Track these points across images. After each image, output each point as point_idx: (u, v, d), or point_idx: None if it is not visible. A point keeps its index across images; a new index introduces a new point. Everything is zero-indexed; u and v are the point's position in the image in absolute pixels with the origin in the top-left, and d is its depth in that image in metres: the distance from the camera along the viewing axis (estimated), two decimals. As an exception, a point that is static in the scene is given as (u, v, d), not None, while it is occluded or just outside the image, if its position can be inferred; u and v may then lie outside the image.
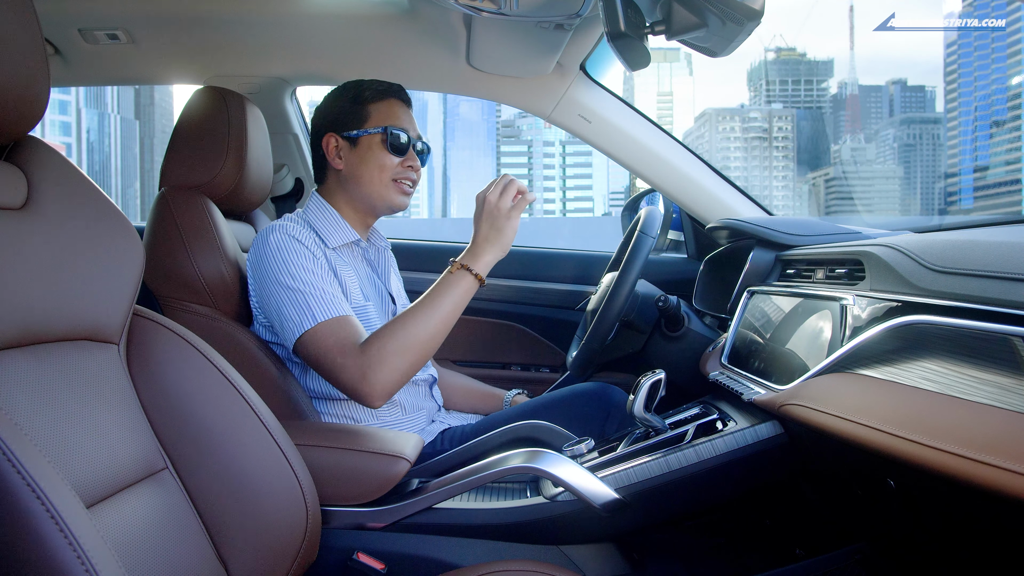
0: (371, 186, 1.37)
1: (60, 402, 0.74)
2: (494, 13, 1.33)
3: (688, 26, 1.13)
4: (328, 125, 1.39)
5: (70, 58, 1.73)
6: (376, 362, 1.16)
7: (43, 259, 0.77)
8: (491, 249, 1.24)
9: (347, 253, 1.39)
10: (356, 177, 1.38)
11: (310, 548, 0.94)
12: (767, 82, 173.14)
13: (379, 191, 1.37)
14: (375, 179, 1.37)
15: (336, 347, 1.18)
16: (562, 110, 1.76)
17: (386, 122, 1.37)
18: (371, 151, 1.36)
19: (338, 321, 1.21)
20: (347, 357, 1.17)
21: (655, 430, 1.16)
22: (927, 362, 0.76)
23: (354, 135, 1.37)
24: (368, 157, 1.37)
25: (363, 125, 1.37)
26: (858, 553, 1.05)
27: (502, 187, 1.24)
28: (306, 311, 1.21)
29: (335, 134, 1.38)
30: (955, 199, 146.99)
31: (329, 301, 1.22)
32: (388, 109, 1.38)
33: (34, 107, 0.77)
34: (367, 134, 1.36)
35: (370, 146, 1.36)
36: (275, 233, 1.27)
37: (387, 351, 1.16)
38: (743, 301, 1.32)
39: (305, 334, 1.20)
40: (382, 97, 1.39)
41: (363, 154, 1.37)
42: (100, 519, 0.72)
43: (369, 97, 1.38)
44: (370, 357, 1.16)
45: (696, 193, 1.75)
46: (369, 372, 1.16)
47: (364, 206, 1.40)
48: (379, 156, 1.36)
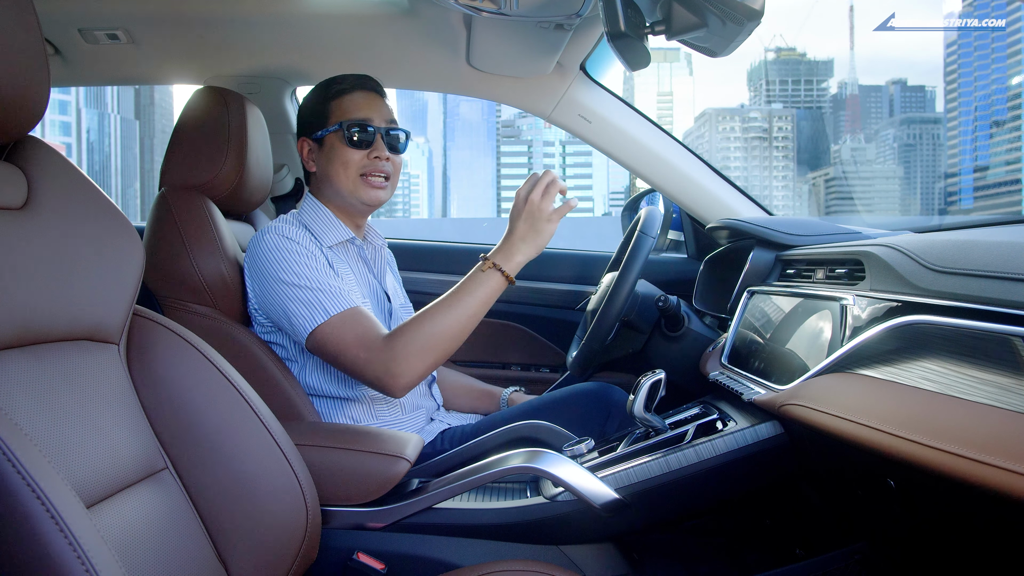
0: (340, 184, 1.36)
1: (60, 402, 0.74)
2: (494, 13, 1.33)
3: (688, 26, 1.13)
4: (301, 129, 1.40)
5: (70, 58, 1.73)
6: (402, 356, 1.16)
7: (43, 259, 0.77)
8: (525, 249, 1.20)
9: (342, 252, 1.39)
10: (327, 178, 1.37)
11: (310, 548, 0.94)
12: (767, 82, 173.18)
13: (348, 188, 1.36)
14: (341, 176, 1.35)
15: (356, 342, 1.18)
16: (562, 110, 1.76)
17: (343, 116, 1.35)
18: (334, 149, 1.35)
19: (351, 313, 1.21)
20: (371, 352, 1.17)
21: (655, 430, 1.16)
22: (927, 362, 0.76)
23: (319, 136, 1.37)
24: (332, 156, 1.36)
25: (326, 124, 1.36)
26: (858, 553, 1.05)
27: (544, 186, 1.20)
28: (316, 306, 1.21)
29: (306, 138, 1.39)
30: (955, 199, 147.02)
31: (337, 293, 1.22)
32: (349, 102, 1.36)
33: (34, 107, 0.77)
34: (329, 132, 1.36)
35: (333, 144, 1.36)
36: (269, 234, 1.27)
37: (413, 346, 1.17)
38: (743, 301, 1.32)
39: (318, 329, 1.20)
40: (343, 93, 1.37)
41: (328, 154, 1.36)
42: (100, 519, 0.72)
43: (331, 95, 1.37)
44: (396, 351, 1.17)
45: (696, 193, 1.75)
46: (394, 366, 1.16)
47: (342, 205, 1.40)
48: (341, 153, 1.35)
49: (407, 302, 1.59)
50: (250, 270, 1.29)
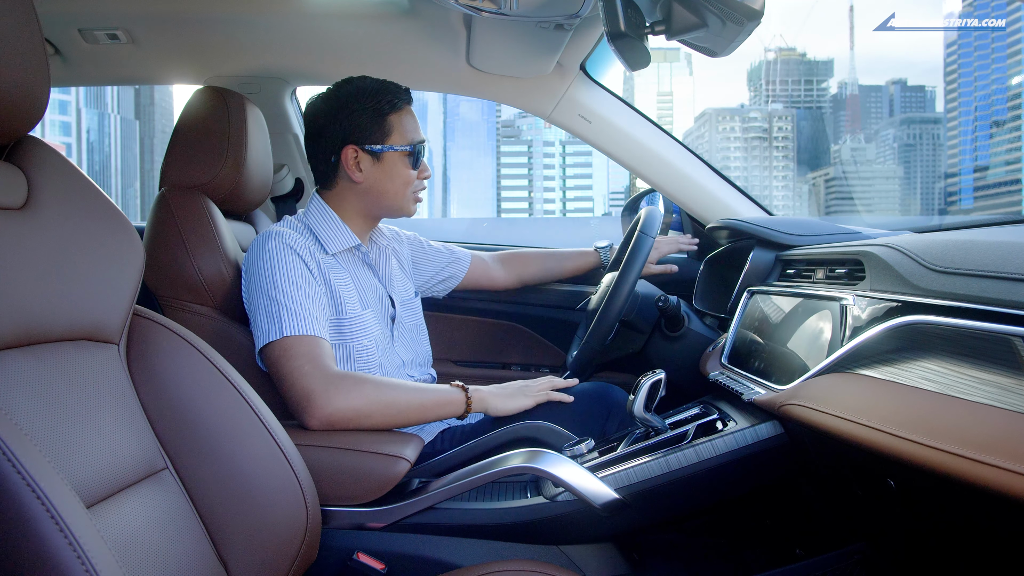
0: (394, 199, 1.37)
1: (60, 402, 0.74)
2: (494, 13, 1.33)
3: (688, 26, 1.13)
4: (347, 136, 1.34)
5: (70, 58, 1.73)
6: (345, 389, 1.15)
7: (43, 259, 0.77)
8: (497, 400, 1.32)
9: (346, 258, 1.38)
10: (379, 190, 1.36)
11: (310, 548, 0.94)
12: (767, 82, 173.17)
13: (399, 203, 1.38)
14: (400, 193, 1.37)
15: (306, 357, 1.17)
16: (562, 110, 1.76)
17: (410, 138, 1.36)
18: (396, 166, 1.35)
19: (310, 339, 1.20)
20: (317, 368, 1.16)
21: (655, 430, 1.16)
22: (927, 362, 0.76)
23: (378, 150, 1.34)
24: (393, 172, 1.35)
25: (387, 139, 1.34)
26: (858, 553, 1.05)
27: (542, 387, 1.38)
28: (275, 322, 1.20)
29: (355, 146, 1.34)
30: (955, 199, 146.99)
31: (304, 318, 1.21)
32: (408, 121, 1.37)
33: (34, 107, 0.77)
34: (392, 150, 1.35)
35: (395, 162, 1.35)
36: (272, 241, 1.27)
37: (360, 389, 1.17)
38: (743, 301, 1.32)
39: (269, 345, 1.20)
40: (399, 107, 1.36)
41: (388, 169, 1.35)
42: (100, 519, 0.72)
43: (387, 109, 1.35)
44: (345, 383, 1.16)
45: (696, 193, 1.75)
46: (333, 391, 1.14)
47: (379, 215, 1.41)
48: (403, 172, 1.36)
49: (419, 295, 1.59)
50: (245, 270, 1.29)
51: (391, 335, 1.41)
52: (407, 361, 1.43)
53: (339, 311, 1.30)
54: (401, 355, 1.42)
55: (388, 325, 1.42)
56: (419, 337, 1.50)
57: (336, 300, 1.30)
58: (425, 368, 1.50)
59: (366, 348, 1.33)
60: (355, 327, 1.32)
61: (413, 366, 1.45)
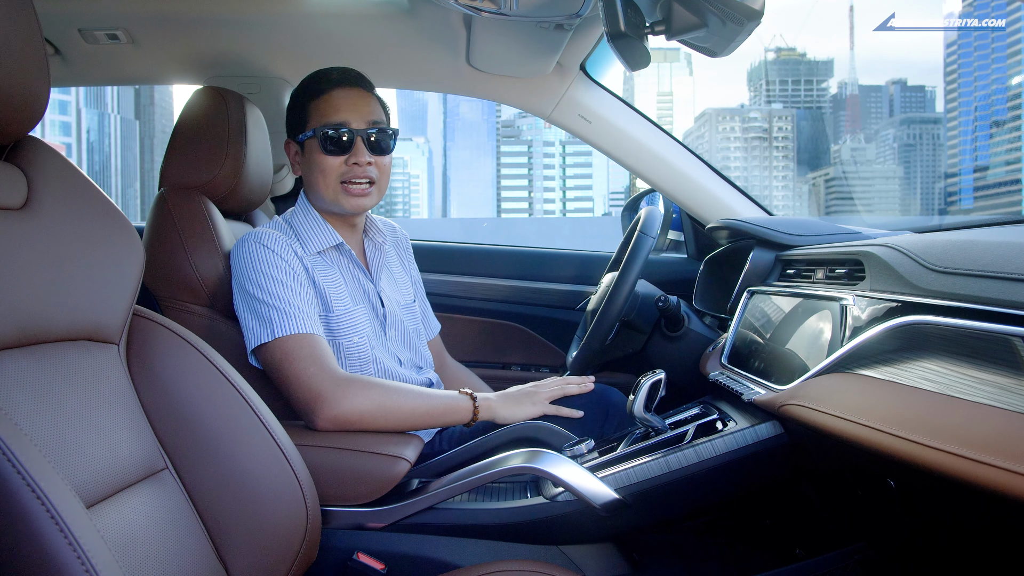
0: (321, 191, 1.30)
1: (60, 402, 0.74)
2: (494, 13, 1.33)
3: (688, 26, 1.13)
4: (287, 130, 1.36)
5: (70, 58, 1.73)
6: (353, 392, 1.15)
7: (43, 259, 0.77)
8: (505, 406, 1.29)
9: (332, 256, 1.35)
10: (309, 184, 1.34)
11: (310, 548, 0.94)
12: (767, 82, 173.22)
13: (329, 196, 1.30)
14: (321, 184, 1.30)
15: (309, 358, 1.17)
16: (562, 110, 1.76)
17: (320, 120, 1.28)
18: (313, 155, 1.29)
19: (305, 337, 1.19)
20: (323, 371, 1.16)
21: (655, 430, 1.16)
22: (927, 362, 0.76)
23: (300, 139, 1.31)
24: (312, 162, 1.30)
25: (305, 127, 1.30)
26: (858, 553, 1.05)
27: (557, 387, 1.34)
28: (266, 323, 1.19)
29: (291, 139, 1.34)
30: (955, 199, 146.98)
31: (294, 315, 1.19)
32: (326, 104, 1.29)
33: (34, 107, 0.77)
34: (308, 137, 1.30)
35: (312, 150, 1.30)
36: (249, 242, 1.26)
37: (367, 393, 1.16)
38: (743, 301, 1.32)
39: (264, 346, 1.19)
40: (320, 93, 1.30)
41: (308, 159, 1.31)
42: (100, 519, 0.72)
43: (309, 94, 1.31)
44: (351, 386, 1.16)
45: (696, 193, 1.75)
46: (340, 394, 1.14)
47: (327, 210, 1.35)
48: (319, 160, 1.28)
49: (417, 299, 1.55)
50: (232, 274, 1.29)
51: (383, 334, 1.40)
52: (404, 360, 1.41)
53: (328, 308, 1.29)
54: (397, 354, 1.40)
55: (380, 324, 1.40)
56: (418, 341, 1.48)
57: (324, 297, 1.29)
58: (426, 371, 1.48)
59: (357, 345, 1.31)
60: (344, 324, 1.31)
61: (411, 366, 1.43)
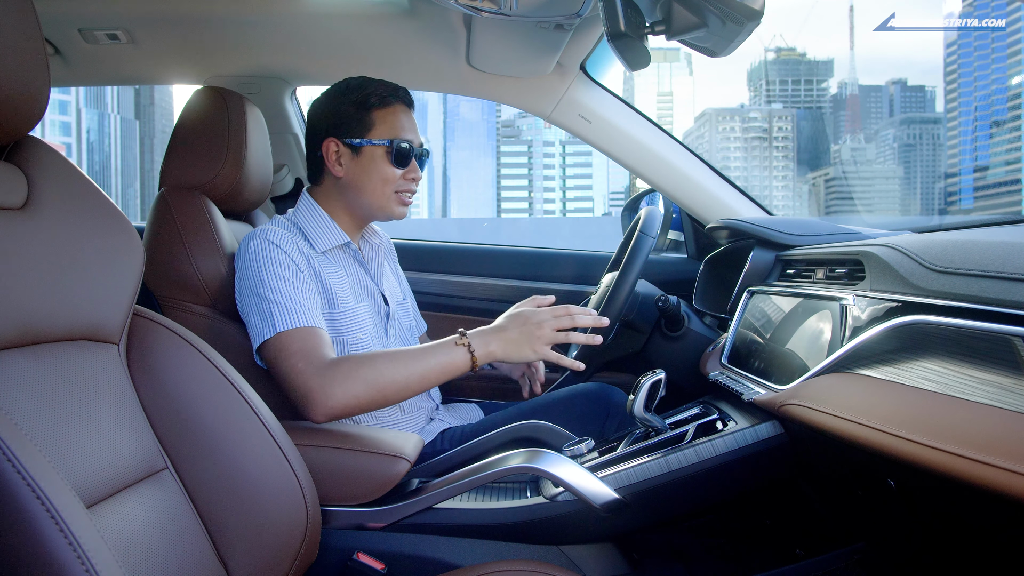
0: (372, 197, 1.34)
1: (60, 402, 0.74)
2: (494, 13, 1.33)
3: (688, 26, 1.13)
4: (329, 128, 1.34)
5: (70, 58, 1.73)
6: (340, 380, 1.12)
7: (43, 259, 0.77)
8: (503, 348, 1.18)
9: (337, 255, 1.37)
10: (357, 187, 1.34)
11: (310, 548, 0.94)
12: (767, 82, 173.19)
13: (380, 202, 1.34)
14: (377, 191, 1.33)
15: (299, 352, 1.15)
16: (562, 110, 1.76)
17: (392, 133, 1.32)
18: (374, 162, 1.32)
19: (304, 331, 1.18)
20: (310, 365, 1.14)
21: (655, 430, 1.16)
22: (927, 362, 0.76)
23: (357, 143, 1.33)
24: (371, 168, 1.33)
25: (367, 134, 1.32)
26: (858, 553, 1.05)
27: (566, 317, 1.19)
28: (268, 320, 1.19)
29: (336, 139, 1.33)
30: (955, 199, 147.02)
31: (296, 310, 1.19)
32: (394, 118, 1.33)
33: (34, 107, 0.77)
34: (371, 144, 1.32)
35: (373, 157, 1.32)
36: (256, 239, 1.26)
37: (356, 376, 1.13)
38: (743, 301, 1.32)
39: (265, 343, 1.19)
40: (387, 103, 1.33)
41: (366, 164, 1.33)
42: (100, 519, 0.72)
43: (374, 103, 1.33)
44: (336, 373, 1.13)
45: (696, 193, 1.75)
46: (328, 385, 1.12)
47: (362, 214, 1.38)
48: (383, 168, 1.32)
49: (408, 298, 1.59)
50: (236, 272, 1.29)
51: (385, 331, 1.41)
52: None
53: (332, 304, 1.30)
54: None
55: (383, 322, 1.41)
56: (411, 338, 1.50)
57: (329, 294, 1.30)
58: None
59: (360, 341, 1.32)
60: (349, 320, 1.32)
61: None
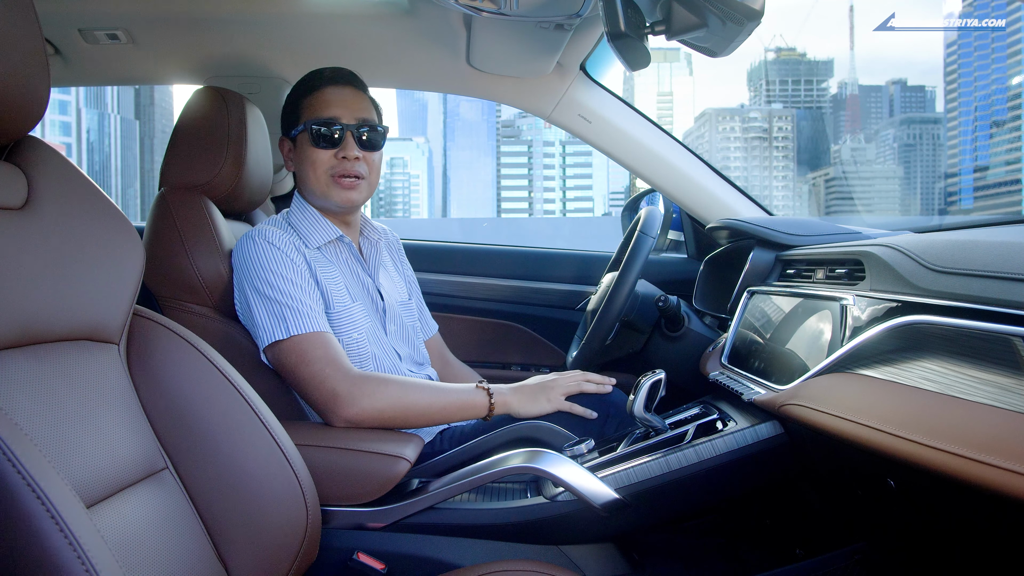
0: (313, 184, 1.35)
1: (60, 402, 0.74)
2: (494, 13, 1.33)
3: (688, 26, 1.13)
4: (281, 128, 1.41)
5: (70, 58, 1.73)
6: (369, 391, 1.17)
7: (43, 259, 0.77)
8: (519, 399, 1.29)
9: (331, 251, 1.38)
10: (301, 178, 1.38)
11: (310, 548, 0.94)
12: (767, 82, 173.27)
13: (321, 189, 1.35)
14: (311, 177, 1.35)
15: (324, 358, 1.19)
16: (562, 110, 1.76)
17: (311, 115, 1.33)
18: (304, 149, 1.35)
19: (317, 336, 1.21)
20: (339, 371, 1.18)
21: (655, 430, 1.17)
22: (927, 362, 0.76)
23: (293, 135, 1.37)
24: (303, 156, 1.35)
25: (298, 123, 1.35)
26: (858, 553, 1.05)
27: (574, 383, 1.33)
28: (280, 320, 1.21)
29: (285, 136, 1.40)
30: (955, 199, 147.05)
31: (306, 313, 1.22)
32: (318, 100, 1.34)
33: (34, 107, 0.77)
34: (300, 132, 1.35)
35: (303, 144, 1.35)
36: (253, 239, 1.27)
37: (385, 391, 1.18)
38: (743, 301, 1.32)
39: (276, 344, 1.20)
40: (314, 89, 1.35)
41: (300, 153, 1.36)
42: (100, 519, 0.72)
43: (303, 92, 1.36)
44: (368, 384, 1.18)
45: (696, 193, 1.75)
46: (358, 392, 1.16)
47: (317, 204, 1.38)
48: (309, 153, 1.34)
49: (414, 298, 1.58)
50: (235, 272, 1.30)
51: (383, 329, 1.41)
52: (404, 355, 1.42)
53: (328, 305, 1.30)
54: (397, 349, 1.41)
55: (380, 318, 1.41)
56: (414, 339, 1.49)
57: (324, 294, 1.30)
58: (426, 367, 1.49)
59: (356, 342, 1.32)
60: (344, 320, 1.32)
61: (411, 362, 1.45)
